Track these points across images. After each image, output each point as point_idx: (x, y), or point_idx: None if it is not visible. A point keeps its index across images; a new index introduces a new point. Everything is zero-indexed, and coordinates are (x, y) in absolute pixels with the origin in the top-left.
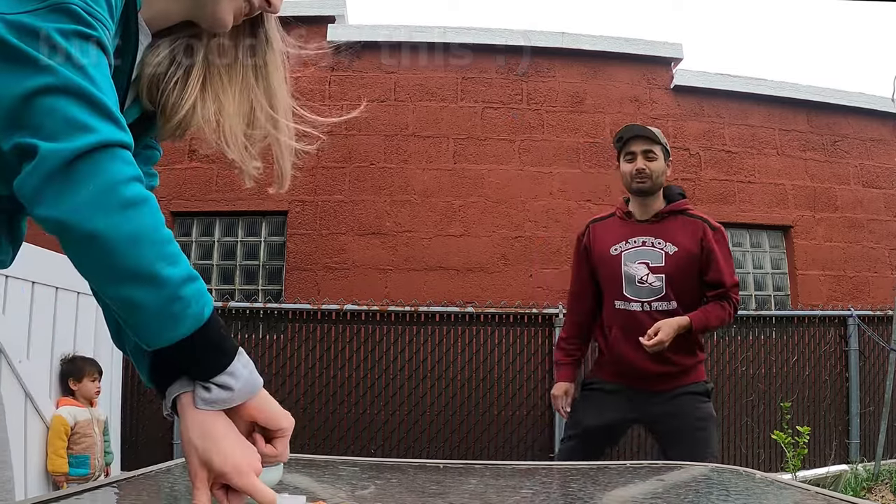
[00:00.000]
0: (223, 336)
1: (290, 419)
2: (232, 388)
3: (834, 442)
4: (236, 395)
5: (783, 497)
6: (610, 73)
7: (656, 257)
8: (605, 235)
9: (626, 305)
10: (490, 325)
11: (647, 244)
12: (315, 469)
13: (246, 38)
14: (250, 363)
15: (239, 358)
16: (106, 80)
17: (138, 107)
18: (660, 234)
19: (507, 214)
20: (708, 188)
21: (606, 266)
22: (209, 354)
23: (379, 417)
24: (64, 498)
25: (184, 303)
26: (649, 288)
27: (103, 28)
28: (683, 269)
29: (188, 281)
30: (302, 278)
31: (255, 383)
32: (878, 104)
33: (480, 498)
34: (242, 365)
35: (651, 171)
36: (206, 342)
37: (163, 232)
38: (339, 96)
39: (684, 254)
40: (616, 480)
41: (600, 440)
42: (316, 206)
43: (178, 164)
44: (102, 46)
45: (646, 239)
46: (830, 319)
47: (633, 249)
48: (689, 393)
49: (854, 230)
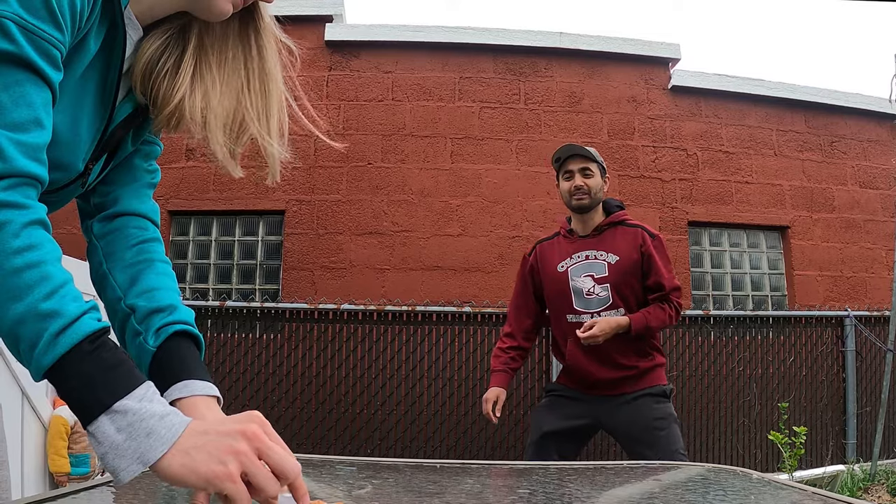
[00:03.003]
0: (87, 386)
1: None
2: (100, 449)
3: (830, 442)
4: (108, 459)
5: (780, 497)
6: (607, 74)
7: (600, 268)
8: (551, 254)
9: (578, 318)
10: (487, 324)
11: (591, 257)
12: (312, 469)
13: (238, 29)
14: (140, 427)
15: (112, 419)
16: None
17: (132, 101)
18: (601, 246)
19: (504, 214)
20: (705, 188)
21: (555, 283)
22: (73, 400)
23: (376, 417)
24: (61, 497)
25: (21, 343)
26: (597, 299)
27: (41, 41)
28: (626, 277)
29: (19, 323)
30: (299, 278)
31: (131, 454)
32: (876, 105)
33: (477, 497)
34: (117, 429)
35: (588, 187)
36: (62, 387)
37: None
38: (336, 96)
39: (626, 262)
40: (613, 480)
41: (561, 444)
42: (313, 206)
43: (175, 164)
44: (29, 64)
45: (588, 252)
46: (827, 320)
47: (578, 264)
48: (646, 395)
49: (851, 231)
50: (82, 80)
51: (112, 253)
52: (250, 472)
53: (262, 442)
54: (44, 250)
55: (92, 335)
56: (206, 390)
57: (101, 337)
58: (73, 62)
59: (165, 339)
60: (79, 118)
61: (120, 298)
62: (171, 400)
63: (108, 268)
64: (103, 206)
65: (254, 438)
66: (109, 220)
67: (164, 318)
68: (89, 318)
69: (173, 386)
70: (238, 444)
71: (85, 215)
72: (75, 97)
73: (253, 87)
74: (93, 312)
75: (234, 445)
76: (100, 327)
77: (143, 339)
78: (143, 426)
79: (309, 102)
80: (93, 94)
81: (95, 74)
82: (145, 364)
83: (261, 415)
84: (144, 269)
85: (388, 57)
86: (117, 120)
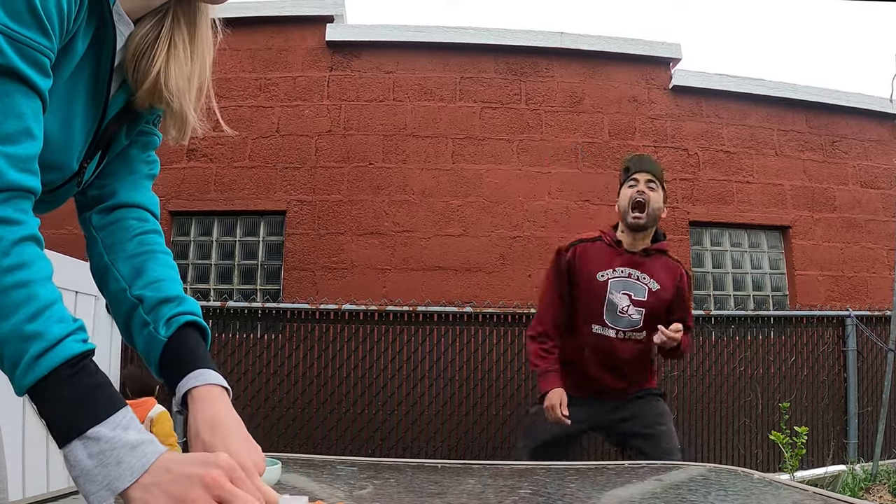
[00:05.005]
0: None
1: None
2: (72, 472)
3: (832, 442)
4: (79, 483)
5: (781, 497)
6: (608, 73)
7: (640, 291)
8: (592, 259)
9: (603, 330)
10: (488, 325)
11: (633, 277)
12: (313, 469)
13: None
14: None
15: (85, 445)
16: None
17: (125, 93)
18: (645, 269)
19: (505, 214)
20: (706, 188)
21: (591, 289)
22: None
23: (377, 417)
24: (61, 497)
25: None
26: (628, 319)
27: (28, 49)
28: (659, 306)
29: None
30: (300, 278)
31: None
32: (877, 105)
33: (478, 498)
34: (88, 454)
35: (649, 199)
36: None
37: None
38: (337, 96)
39: (664, 293)
40: (614, 480)
41: (556, 451)
42: (314, 206)
43: (176, 164)
44: (17, 74)
45: (632, 271)
46: (829, 320)
47: (619, 279)
48: (648, 394)
49: (852, 230)
50: (72, 80)
51: (113, 244)
52: None
53: (223, 489)
54: (33, 269)
55: (73, 359)
56: (218, 380)
57: (83, 360)
58: (61, 64)
59: (176, 330)
60: (71, 118)
61: (125, 289)
62: (188, 388)
63: (111, 259)
64: (101, 198)
65: (212, 485)
66: (108, 212)
67: (174, 308)
68: (72, 341)
69: (188, 375)
70: (193, 490)
71: (83, 208)
72: (66, 98)
73: (198, 54)
74: (78, 334)
75: (190, 492)
76: (81, 350)
77: (152, 329)
78: (114, 455)
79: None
80: (84, 92)
81: (85, 73)
82: (155, 354)
83: (227, 457)
84: (148, 259)
85: (389, 57)
86: (110, 115)
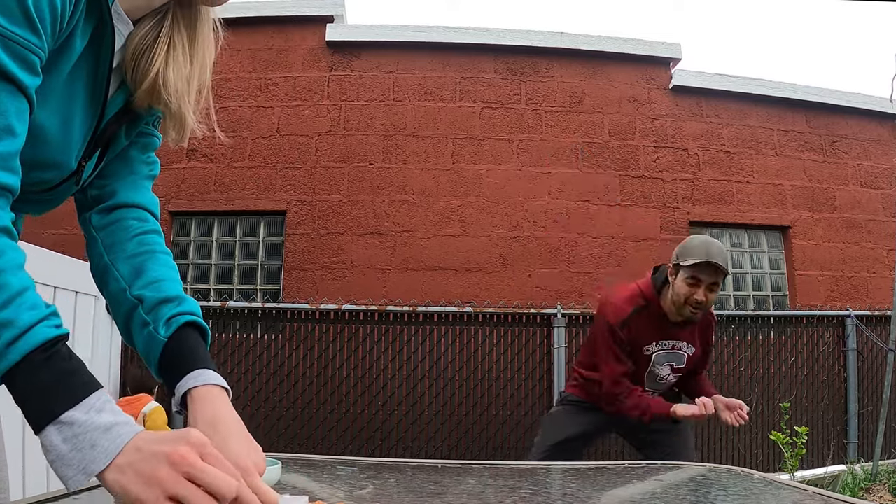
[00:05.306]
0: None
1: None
2: (48, 457)
3: (832, 442)
4: (56, 467)
5: (781, 497)
6: (608, 73)
7: (680, 359)
8: (640, 333)
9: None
10: (488, 325)
11: (676, 347)
12: (313, 469)
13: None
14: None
15: (59, 430)
16: None
17: (124, 94)
18: (684, 336)
19: (505, 214)
20: (706, 188)
21: (636, 360)
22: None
23: (377, 417)
24: (62, 497)
25: None
26: (666, 383)
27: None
28: (691, 366)
29: None
30: (300, 278)
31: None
32: (877, 105)
33: (479, 498)
34: (63, 439)
35: (708, 302)
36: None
37: None
38: (337, 96)
39: (696, 355)
40: (614, 480)
41: (574, 449)
42: (314, 206)
43: (176, 164)
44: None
45: (675, 342)
46: (829, 320)
47: (663, 352)
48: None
49: (852, 230)
50: (70, 78)
51: (113, 244)
52: (179, 495)
53: (191, 465)
54: (4, 258)
55: (45, 344)
56: (218, 380)
57: (56, 345)
58: (59, 62)
59: (176, 330)
60: (70, 117)
61: (125, 289)
62: (187, 389)
63: (111, 259)
64: (101, 198)
65: (180, 462)
66: (108, 212)
67: (174, 308)
68: (44, 327)
69: (188, 375)
70: (161, 469)
71: (83, 208)
72: (64, 96)
73: (198, 57)
74: (51, 319)
75: (158, 471)
76: (54, 335)
77: (152, 329)
78: (88, 438)
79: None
80: (83, 91)
81: (84, 72)
82: (155, 354)
83: (198, 433)
84: (148, 259)
85: (389, 57)
86: (109, 114)
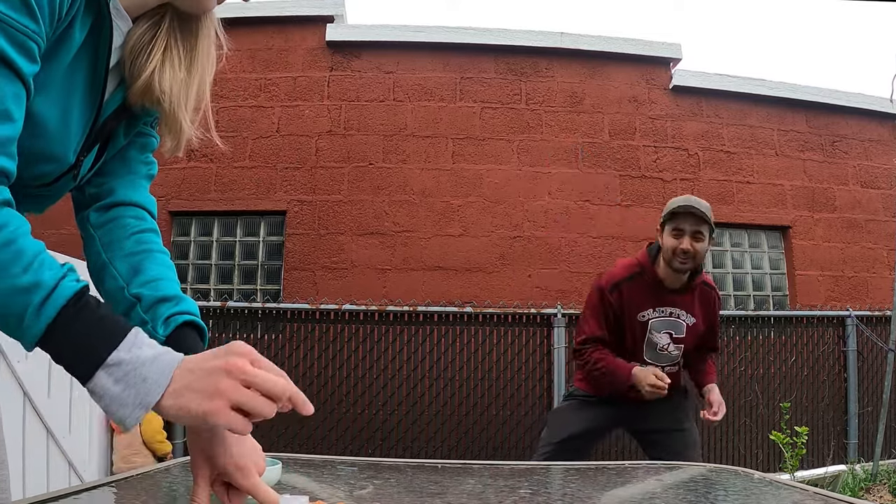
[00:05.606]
0: (79, 346)
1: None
2: (101, 402)
3: (832, 442)
4: (112, 410)
5: (781, 497)
6: (609, 74)
7: (679, 328)
8: (634, 299)
9: (642, 367)
10: (488, 325)
11: (674, 315)
12: (313, 469)
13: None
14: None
15: (109, 373)
16: None
17: (123, 91)
18: (684, 305)
19: (505, 214)
20: (706, 188)
21: (632, 330)
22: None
23: (377, 417)
24: (62, 497)
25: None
26: (668, 356)
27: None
28: (694, 339)
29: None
30: (300, 278)
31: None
32: (877, 105)
33: (479, 498)
34: (114, 381)
35: (695, 252)
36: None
37: None
38: (337, 96)
39: (699, 326)
40: (614, 480)
41: (583, 445)
42: (314, 206)
43: (176, 164)
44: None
45: (673, 310)
46: (829, 320)
47: (660, 319)
48: (676, 392)
49: (852, 230)
50: (70, 70)
51: (110, 243)
52: (240, 403)
53: (246, 372)
54: (12, 227)
55: (73, 297)
56: None
57: (83, 297)
58: (59, 52)
59: (174, 329)
60: (69, 109)
61: (123, 288)
62: None
63: (108, 258)
64: (99, 196)
65: (236, 371)
66: (105, 210)
67: (172, 307)
68: (68, 282)
69: None
70: (221, 380)
71: (80, 206)
72: (64, 88)
73: (197, 67)
74: (70, 275)
75: (219, 383)
76: (79, 287)
77: (150, 328)
78: (138, 374)
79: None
80: (82, 84)
81: (84, 65)
82: None
83: (243, 343)
84: (146, 258)
85: (390, 57)
86: (107, 110)
